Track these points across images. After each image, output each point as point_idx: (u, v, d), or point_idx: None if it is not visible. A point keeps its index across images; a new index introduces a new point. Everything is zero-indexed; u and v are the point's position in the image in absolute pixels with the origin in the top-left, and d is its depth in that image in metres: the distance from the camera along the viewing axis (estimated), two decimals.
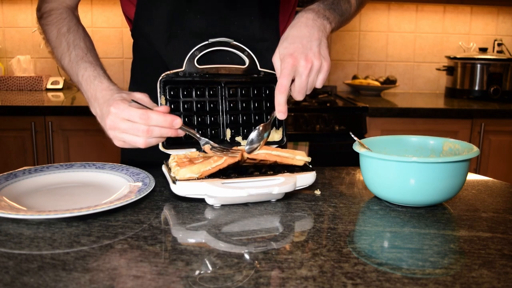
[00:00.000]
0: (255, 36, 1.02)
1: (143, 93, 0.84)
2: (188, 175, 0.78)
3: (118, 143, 0.81)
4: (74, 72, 0.88)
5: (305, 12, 0.86)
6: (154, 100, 0.88)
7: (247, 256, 0.60)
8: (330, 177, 0.99)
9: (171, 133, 0.79)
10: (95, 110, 0.85)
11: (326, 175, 1.01)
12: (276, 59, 0.84)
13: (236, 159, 0.82)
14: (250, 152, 0.84)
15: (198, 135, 0.83)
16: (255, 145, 0.85)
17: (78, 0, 1.00)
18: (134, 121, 0.77)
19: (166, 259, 0.59)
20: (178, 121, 0.78)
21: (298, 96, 0.83)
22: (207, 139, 0.84)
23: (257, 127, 0.85)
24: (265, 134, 0.86)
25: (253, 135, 0.85)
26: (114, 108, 0.78)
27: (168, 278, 0.54)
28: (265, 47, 1.01)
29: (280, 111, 0.83)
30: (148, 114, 0.77)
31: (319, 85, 0.84)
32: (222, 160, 0.80)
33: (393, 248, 0.64)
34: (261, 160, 0.85)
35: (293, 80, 0.82)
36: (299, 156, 0.85)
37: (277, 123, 0.96)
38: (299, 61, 0.80)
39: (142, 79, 1.11)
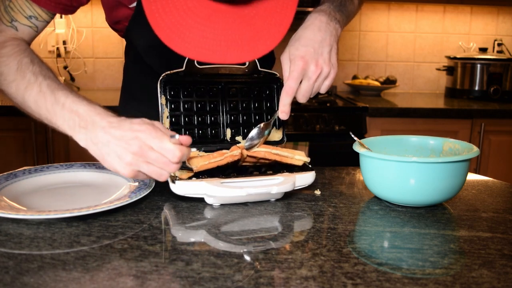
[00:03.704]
0: None
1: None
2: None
3: (131, 173, 0.70)
4: (49, 102, 0.76)
5: (318, 14, 0.85)
6: (146, 103, 0.87)
7: (247, 256, 0.60)
8: (330, 177, 0.99)
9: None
10: (90, 136, 0.72)
11: (326, 175, 1.01)
12: (285, 58, 0.83)
13: (236, 157, 0.82)
14: (249, 148, 0.85)
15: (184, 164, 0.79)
16: (255, 142, 0.85)
17: (34, 36, 0.90)
18: (166, 155, 0.68)
19: (166, 259, 0.59)
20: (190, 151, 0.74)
21: (302, 99, 0.83)
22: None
23: (258, 125, 0.86)
24: (266, 132, 0.86)
25: (253, 132, 0.86)
26: (144, 133, 0.69)
27: (168, 278, 0.54)
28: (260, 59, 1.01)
29: (284, 112, 0.83)
30: (183, 150, 0.69)
31: (323, 90, 0.85)
32: (222, 157, 0.81)
33: (393, 248, 0.64)
34: (261, 159, 0.85)
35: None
36: (298, 156, 0.85)
37: (277, 123, 0.96)
38: (309, 65, 0.80)
39: (134, 82, 1.11)
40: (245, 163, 0.87)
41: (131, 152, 0.69)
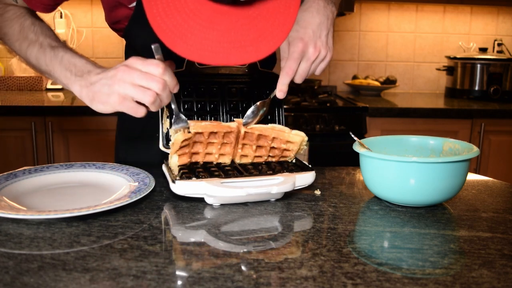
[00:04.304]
0: None
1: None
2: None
3: (118, 99, 0.74)
4: (48, 56, 0.83)
5: None
6: None
7: (247, 256, 0.60)
8: (330, 177, 0.99)
9: (167, 100, 0.76)
10: (85, 81, 0.78)
11: (326, 175, 1.01)
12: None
13: (233, 130, 0.83)
14: (245, 124, 0.86)
15: (179, 113, 0.82)
16: (251, 119, 0.87)
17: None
18: (150, 70, 0.73)
19: (166, 259, 0.59)
20: (178, 86, 0.77)
21: (299, 79, 0.86)
22: (184, 120, 0.82)
23: (255, 103, 0.88)
24: (261, 111, 0.88)
25: (250, 110, 0.87)
26: (130, 61, 0.75)
27: (168, 278, 0.54)
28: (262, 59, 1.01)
29: (282, 90, 0.86)
30: (166, 65, 0.74)
31: (318, 72, 0.88)
32: (217, 123, 0.83)
33: (393, 248, 0.64)
34: (259, 135, 0.85)
35: None
36: (295, 131, 0.87)
37: (276, 123, 0.96)
38: (308, 47, 0.83)
39: None
40: (244, 142, 0.86)
41: (118, 78, 0.74)
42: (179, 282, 0.53)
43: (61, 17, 2.50)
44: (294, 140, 0.86)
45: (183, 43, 0.68)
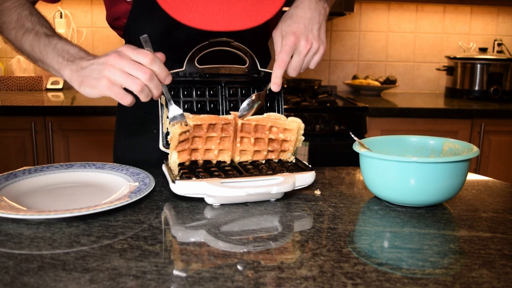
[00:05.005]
0: (247, 40, 1.01)
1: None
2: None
3: (107, 83, 0.75)
4: (43, 43, 0.85)
5: None
6: (146, 103, 0.87)
7: (247, 256, 0.60)
8: (330, 177, 0.99)
9: (157, 91, 0.77)
10: (75, 66, 0.79)
11: (326, 175, 1.01)
12: (277, 34, 0.88)
13: (230, 121, 0.84)
14: (241, 116, 0.87)
15: (174, 104, 0.83)
16: (246, 112, 0.88)
17: (34, 1, 0.96)
18: (138, 59, 0.75)
19: (166, 259, 0.59)
20: (170, 78, 0.79)
21: (293, 72, 0.88)
22: (180, 112, 0.83)
23: (250, 96, 0.89)
24: (257, 104, 0.89)
25: (245, 102, 0.88)
26: (121, 48, 0.76)
27: (168, 278, 0.54)
28: (256, 49, 1.01)
29: (276, 83, 0.88)
30: (155, 56, 0.76)
31: (312, 66, 0.90)
32: (215, 115, 0.84)
33: (393, 248, 0.64)
34: (256, 125, 0.86)
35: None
36: (291, 118, 0.88)
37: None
38: (300, 40, 0.85)
39: None
40: (242, 134, 0.86)
41: (109, 63, 0.75)
42: (179, 282, 0.53)
43: (61, 17, 2.50)
44: (291, 127, 0.87)
45: (185, 11, 0.71)
